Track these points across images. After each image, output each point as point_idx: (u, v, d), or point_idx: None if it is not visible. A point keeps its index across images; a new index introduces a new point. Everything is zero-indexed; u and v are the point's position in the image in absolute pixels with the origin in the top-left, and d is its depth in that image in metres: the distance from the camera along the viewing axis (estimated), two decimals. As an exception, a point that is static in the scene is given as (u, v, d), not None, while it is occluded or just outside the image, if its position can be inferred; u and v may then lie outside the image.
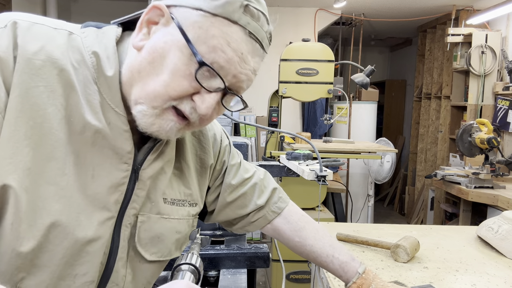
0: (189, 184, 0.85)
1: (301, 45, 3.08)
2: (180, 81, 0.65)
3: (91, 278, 0.69)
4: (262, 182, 1.01)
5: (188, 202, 0.85)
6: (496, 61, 3.98)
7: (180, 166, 0.84)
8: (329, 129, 4.96)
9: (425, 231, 1.75)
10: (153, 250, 0.78)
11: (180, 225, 0.82)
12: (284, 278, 1.36)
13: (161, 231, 0.78)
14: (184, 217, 0.83)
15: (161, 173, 0.77)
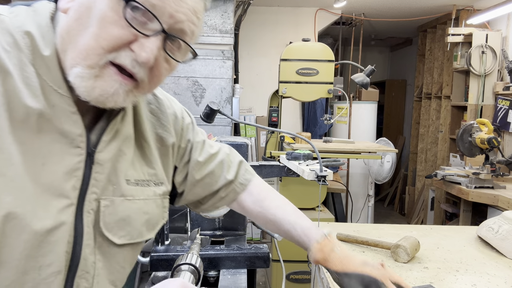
0: (152, 164, 0.82)
1: (301, 45, 3.08)
2: (110, 28, 0.60)
3: (57, 268, 0.66)
4: (229, 157, 1.01)
5: (153, 182, 0.82)
6: (497, 61, 3.97)
7: (141, 146, 0.81)
8: (329, 129, 4.96)
9: (425, 231, 1.75)
10: (121, 233, 0.75)
11: (147, 205, 0.79)
12: (284, 278, 1.36)
13: (127, 213, 0.75)
14: (151, 197, 0.80)
15: (120, 155, 0.74)
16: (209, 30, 3.33)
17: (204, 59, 3.35)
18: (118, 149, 0.73)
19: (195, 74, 3.36)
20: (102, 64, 0.61)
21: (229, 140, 1.38)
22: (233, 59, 3.42)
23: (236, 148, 1.37)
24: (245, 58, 4.47)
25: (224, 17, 3.32)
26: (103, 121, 0.71)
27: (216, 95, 3.38)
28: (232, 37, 3.36)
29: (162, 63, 0.67)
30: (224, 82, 3.38)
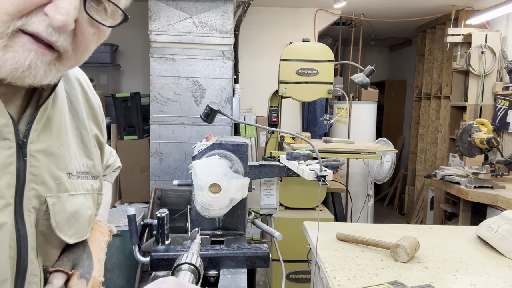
0: (91, 155, 0.77)
1: (301, 45, 3.08)
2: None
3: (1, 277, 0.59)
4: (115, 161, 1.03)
5: (91, 174, 0.76)
6: (496, 61, 3.98)
7: (81, 134, 0.75)
8: (329, 129, 4.97)
9: (424, 231, 1.75)
10: (71, 232, 0.71)
11: (87, 200, 0.74)
12: (284, 278, 1.37)
13: (75, 209, 0.70)
14: (89, 191, 0.75)
15: (56, 145, 0.68)
16: (209, 30, 3.33)
17: (204, 59, 3.35)
18: (53, 139, 0.67)
19: (195, 74, 3.36)
20: (10, 32, 0.52)
21: (229, 140, 1.39)
22: (233, 59, 3.42)
23: (236, 148, 1.37)
24: (245, 58, 4.47)
25: (224, 17, 3.33)
26: (31, 108, 0.64)
27: (216, 95, 3.39)
28: (232, 38, 3.37)
29: (87, 27, 0.59)
30: (224, 82, 3.38)
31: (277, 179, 1.60)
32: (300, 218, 2.85)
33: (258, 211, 1.59)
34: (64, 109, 0.71)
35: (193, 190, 1.27)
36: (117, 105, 3.83)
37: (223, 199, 1.25)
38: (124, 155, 3.88)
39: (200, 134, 3.37)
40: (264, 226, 1.48)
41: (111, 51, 4.13)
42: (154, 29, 3.29)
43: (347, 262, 1.38)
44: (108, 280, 3.27)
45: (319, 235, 1.62)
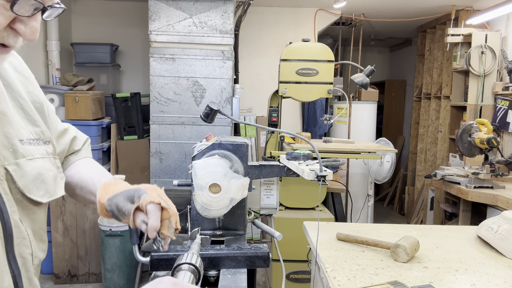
0: (35, 122, 0.82)
1: (301, 45, 3.08)
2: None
3: None
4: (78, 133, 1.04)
5: (42, 140, 0.82)
6: (496, 61, 3.98)
7: (20, 105, 0.80)
8: (329, 129, 4.97)
9: (424, 231, 1.75)
10: (41, 192, 0.78)
11: (46, 163, 0.81)
12: (284, 278, 1.37)
13: (37, 171, 0.77)
14: (45, 156, 0.81)
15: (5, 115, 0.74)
16: (209, 30, 3.33)
17: (204, 59, 3.35)
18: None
19: (195, 75, 3.36)
20: None
21: (229, 140, 1.39)
22: (233, 59, 3.42)
23: (236, 148, 1.37)
24: (245, 58, 4.47)
25: (224, 17, 3.33)
26: None
27: (216, 95, 3.39)
28: (232, 38, 3.36)
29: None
30: (224, 82, 3.38)
31: (277, 179, 1.60)
32: (300, 218, 2.85)
33: (258, 211, 1.59)
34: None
35: (193, 190, 1.27)
36: (117, 105, 3.83)
37: (223, 199, 1.25)
38: (124, 155, 3.88)
39: (200, 134, 3.37)
40: (264, 226, 1.48)
41: (111, 51, 4.13)
42: (154, 29, 3.29)
43: (347, 262, 1.38)
44: (108, 280, 3.27)
45: (319, 235, 1.62)
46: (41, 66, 3.84)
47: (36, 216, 0.79)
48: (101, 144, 3.70)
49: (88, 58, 4.09)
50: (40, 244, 0.81)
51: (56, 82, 3.83)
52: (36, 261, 0.79)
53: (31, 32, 0.64)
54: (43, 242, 0.83)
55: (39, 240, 0.80)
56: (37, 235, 0.80)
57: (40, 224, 0.81)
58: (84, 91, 3.59)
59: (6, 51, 0.66)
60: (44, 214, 0.83)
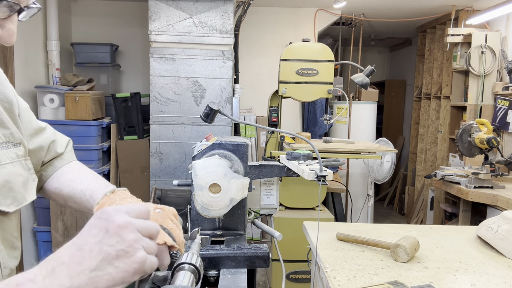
0: (4, 123, 0.78)
1: (301, 45, 3.08)
2: None
3: None
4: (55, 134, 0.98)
5: (12, 143, 0.78)
6: (496, 61, 3.98)
7: None
8: (329, 129, 4.96)
9: (424, 231, 1.75)
10: (9, 201, 0.74)
11: (16, 168, 0.77)
12: (284, 278, 1.36)
13: (5, 179, 0.73)
14: (15, 160, 0.77)
15: None
16: (209, 30, 3.33)
17: (204, 60, 3.36)
18: None
19: (195, 75, 3.36)
20: None
21: (229, 140, 1.39)
22: (233, 60, 3.42)
23: (236, 148, 1.37)
24: (245, 58, 4.47)
25: (224, 17, 3.33)
26: None
27: (216, 95, 3.39)
28: (232, 38, 3.36)
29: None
30: (224, 82, 3.38)
31: (277, 179, 1.60)
32: (300, 218, 2.85)
33: (258, 211, 1.59)
34: None
35: (193, 190, 1.27)
36: (117, 105, 3.83)
37: (223, 199, 1.25)
38: (124, 155, 3.88)
39: (200, 134, 3.37)
40: (264, 226, 1.48)
41: (111, 51, 4.13)
42: (154, 29, 3.29)
43: (347, 262, 1.38)
44: (108, 280, 3.27)
45: (319, 235, 1.62)
46: (41, 66, 3.84)
47: (6, 224, 0.75)
48: (101, 144, 3.70)
49: (88, 58, 4.09)
50: (12, 251, 0.77)
51: (56, 82, 3.83)
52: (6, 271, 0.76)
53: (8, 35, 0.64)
54: (15, 249, 0.79)
55: (10, 248, 0.77)
56: (7, 243, 0.76)
57: (10, 231, 0.77)
58: (84, 91, 3.59)
59: None
60: (15, 220, 0.79)
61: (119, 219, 0.53)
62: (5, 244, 0.75)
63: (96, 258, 0.51)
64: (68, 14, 4.40)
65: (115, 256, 0.51)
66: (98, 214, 0.55)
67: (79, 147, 3.52)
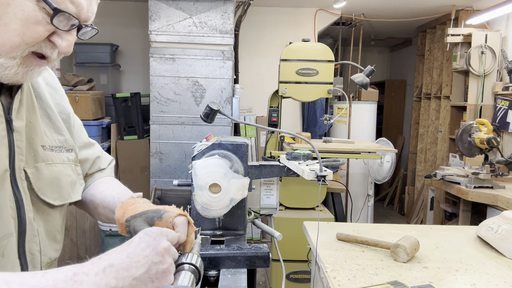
0: (60, 131, 0.88)
1: (301, 45, 3.08)
2: (34, 28, 0.66)
3: (7, 231, 0.71)
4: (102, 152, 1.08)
5: (65, 148, 0.87)
6: (496, 61, 3.98)
7: (47, 114, 0.86)
8: (329, 129, 4.96)
9: (424, 231, 1.75)
10: (55, 195, 0.82)
11: (66, 169, 0.86)
12: (284, 278, 1.36)
13: (54, 176, 0.82)
14: (66, 162, 0.86)
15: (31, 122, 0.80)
16: (209, 30, 3.33)
17: (204, 60, 3.36)
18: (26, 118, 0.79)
19: (195, 75, 3.36)
20: (25, 55, 0.68)
21: (229, 140, 1.38)
22: (233, 60, 3.42)
23: (236, 148, 1.37)
24: (245, 58, 4.47)
25: (224, 17, 3.33)
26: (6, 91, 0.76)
27: (216, 95, 3.39)
28: (232, 38, 3.37)
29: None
30: (224, 82, 3.38)
31: (277, 179, 1.60)
32: (300, 218, 2.85)
33: (258, 211, 1.59)
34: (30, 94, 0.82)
35: (193, 190, 1.27)
36: (117, 105, 3.83)
37: (223, 199, 1.25)
38: (124, 155, 3.88)
39: (200, 134, 3.37)
40: (264, 226, 1.48)
41: (111, 51, 4.13)
42: (154, 29, 3.29)
43: (347, 262, 1.38)
44: (108, 280, 3.27)
45: (319, 235, 1.62)
46: (41, 66, 3.84)
47: (50, 217, 0.83)
48: (101, 144, 3.70)
49: (88, 58, 4.09)
50: (53, 243, 0.85)
51: (56, 82, 3.83)
52: (45, 259, 0.82)
53: (67, 45, 0.70)
54: (57, 242, 0.86)
55: (52, 240, 0.84)
56: (49, 235, 0.83)
57: (54, 224, 0.85)
58: (84, 91, 3.59)
59: (42, 63, 0.72)
60: (59, 215, 0.86)
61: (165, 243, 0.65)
62: (48, 235, 0.83)
63: (141, 269, 0.61)
64: (68, 14, 4.40)
65: (155, 273, 0.62)
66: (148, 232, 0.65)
67: (79, 147, 3.51)
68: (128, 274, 0.60)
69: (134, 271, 0.61)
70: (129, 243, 0.64)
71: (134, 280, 0.60)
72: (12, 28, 0.64)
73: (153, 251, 0.63)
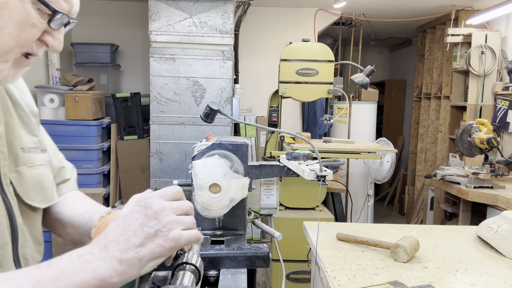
0: (33, 131, 0.86)
1: (301, 45, 3.08)
2: (30, 30, 0.65)
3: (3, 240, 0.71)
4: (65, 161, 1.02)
5: (39, 149, 0.85)
6: (496, 61, 3.98)
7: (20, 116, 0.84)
8: (329, 129, 4.96)
9: (424, 231, 1.75)
10: (40, 198, 0.81)
11: (45, 170, 0.85)
12: (284, 278, 1.36)
13: (37, 178, 0.81)
14: (44, 163, 0.85)
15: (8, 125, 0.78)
16: (209, 30, 3.33)
17: (204, 60, 3.36)
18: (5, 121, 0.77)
19: (195, 75, 3.36)
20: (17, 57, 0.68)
21: (229, 140, 1.39)
22: (233, 60, 3.42)
23: (236, 148, 1.37)
24: (245, 58, 4.47)
25: (224, 17, 3.33)
26: None
27: (216, 95, 3.39)
28: (232, 38, 3.37)
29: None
30: (224, 82, 3.38)
31: (277, 179, 1.60)
32: (300, 218, 2.85)
33: (258, 211, 1.59)
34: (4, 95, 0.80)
35: (193, 190, 1.27)
36: (117, 105, 3.83)
37: (223, 199, 1.25)
38: (124, 155, 3.88)
39: (200, 134, 3.37)
40: (264, 226, 1.48)
41: (111, 51, 4.13)
42: (154, 29, 3.29)
43: (347, 262, 1.38)
44: (108, 280, 3.26)
45: (319, 235, 1.62)
46: (41, 66, 3.84)
47: (34, 220, 0.82)
48: (101, 144, 3.70)
49: (88, 58, 4.09)
50: (37, 246, 0.84)
51: (56, 82, 3.83)
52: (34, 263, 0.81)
53: (58, 43, 0.70)
54: (40, 245, 0.85)
55: (36, 243, 0.83)
56: (34, 238, 0.83)
57: (37, 227, 0.84)
58: (84, 91, 3.59)
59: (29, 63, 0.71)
60: (40, 217, 0.85)
61: (156, 205, 0.65)
62: (33, 240, 0.82)
63: (140, 237, 0.63)
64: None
65: (153, 234, 0.63)
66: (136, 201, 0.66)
67: (79, 147, 3.52)
68: (130, 245, 0.62)
69: (134, 240, 0.63)
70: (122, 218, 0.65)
71: (138, 248, 0.63)
72: (7, 31, 0.63)
73: (145, 218, 0.64)
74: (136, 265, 0.63)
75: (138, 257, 0.62)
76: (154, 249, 0.63)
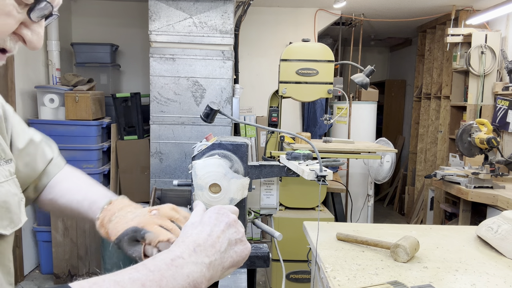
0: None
1: (301, 45, 3.08)
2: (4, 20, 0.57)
3: None
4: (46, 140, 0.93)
5: (3, 159, 0.73)
6: (496, 61, 3.98)
7: None
8: (329, 129, 4.96)
9: (424, 231, 1.75)
10: (5, 222, 0.69)
11: (11, 187, 0.72)
12: (284, 278, 1.36)
13: (2, 199, 0.69)
14: (9, 178, 0.72)
15: None
16: (209, 30, 3.33)
17: (204, 60, 3.35)
18: None
19: (195, 75, 3.36)
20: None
21: (229, 140, 1.38)
22: (233, 60, 3.42)
23: (236, 148, 1.37)
24: (245, 58, 4.47)
25: (224, 17, 3.33)
26: None
27: (216, 95, 3.39)
28: (232, 38, 3.36)
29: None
30: (224, 82, 3.38)
31: (277, 179, 1.60)
32: (300, 218, 2.85)
33: (258, 211, 1.59)
34: None
35: (193, 190, 1.27)
36: (117, 105, 3.83)
37: (223, 199, 1.25)
38: (124, 155, 3.88)
39: (200, 134, 3.37)
40: (264, 226, 1.48)
41: (111, 51, 4.13)
42: (154, 29, 3.29)
43: (347, 262, 1.38)
44: (108, 280, 3.27)
45: (319, 235, 1.62)
46: (41, 66, 3.84)
47: (2, 248, 0.71)
48: (101, 144, 3.70)
49: (88, 58, 4.09)
50: (8, 277, 0.74)
51: (56, 82, 3.83)
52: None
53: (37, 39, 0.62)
54: (10, 275, 0.76)
55: (6, 274, 0.73)
56: (4, 269, 0.72)
57: (7, 255, 0.73)
58: (84, 91, 3.59)
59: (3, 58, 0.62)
60: (10, 243, 0.74)
61: (232, 216, 0.68)
62: (2, 270, 0.72)
63: (224, 243, 0.64)
64: (68, 14, 4.40)
65: (234, 242, 0.66)
66: (216, 210, 0.68)
67: (79, 147, 3.52)
68: (215, 250, 0.62)
69: (219, 246, 0.63)
70: (201, 225, 0.65)
71: (222, 253, 0.63)
72: None
73: (226, 225, 0.66)
74: (219, 272, 0.63)
75: (222, 264, 0.63)
76: (234, 257, 0.65)
